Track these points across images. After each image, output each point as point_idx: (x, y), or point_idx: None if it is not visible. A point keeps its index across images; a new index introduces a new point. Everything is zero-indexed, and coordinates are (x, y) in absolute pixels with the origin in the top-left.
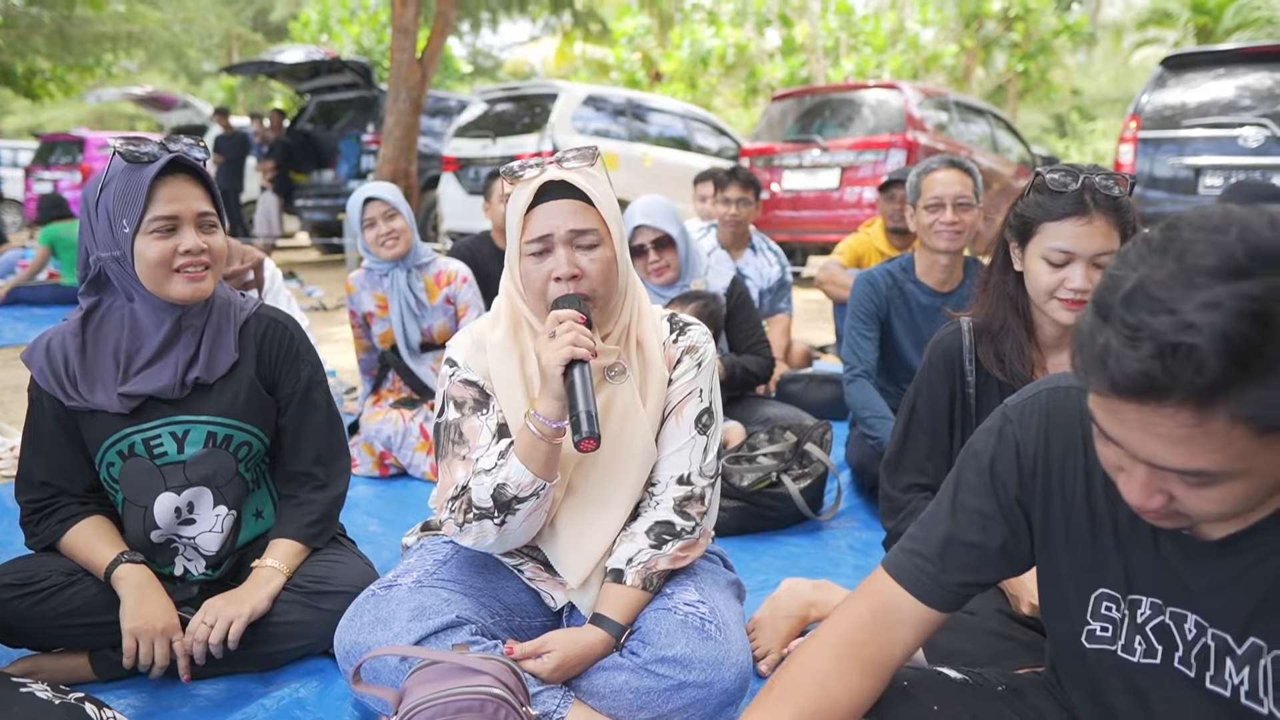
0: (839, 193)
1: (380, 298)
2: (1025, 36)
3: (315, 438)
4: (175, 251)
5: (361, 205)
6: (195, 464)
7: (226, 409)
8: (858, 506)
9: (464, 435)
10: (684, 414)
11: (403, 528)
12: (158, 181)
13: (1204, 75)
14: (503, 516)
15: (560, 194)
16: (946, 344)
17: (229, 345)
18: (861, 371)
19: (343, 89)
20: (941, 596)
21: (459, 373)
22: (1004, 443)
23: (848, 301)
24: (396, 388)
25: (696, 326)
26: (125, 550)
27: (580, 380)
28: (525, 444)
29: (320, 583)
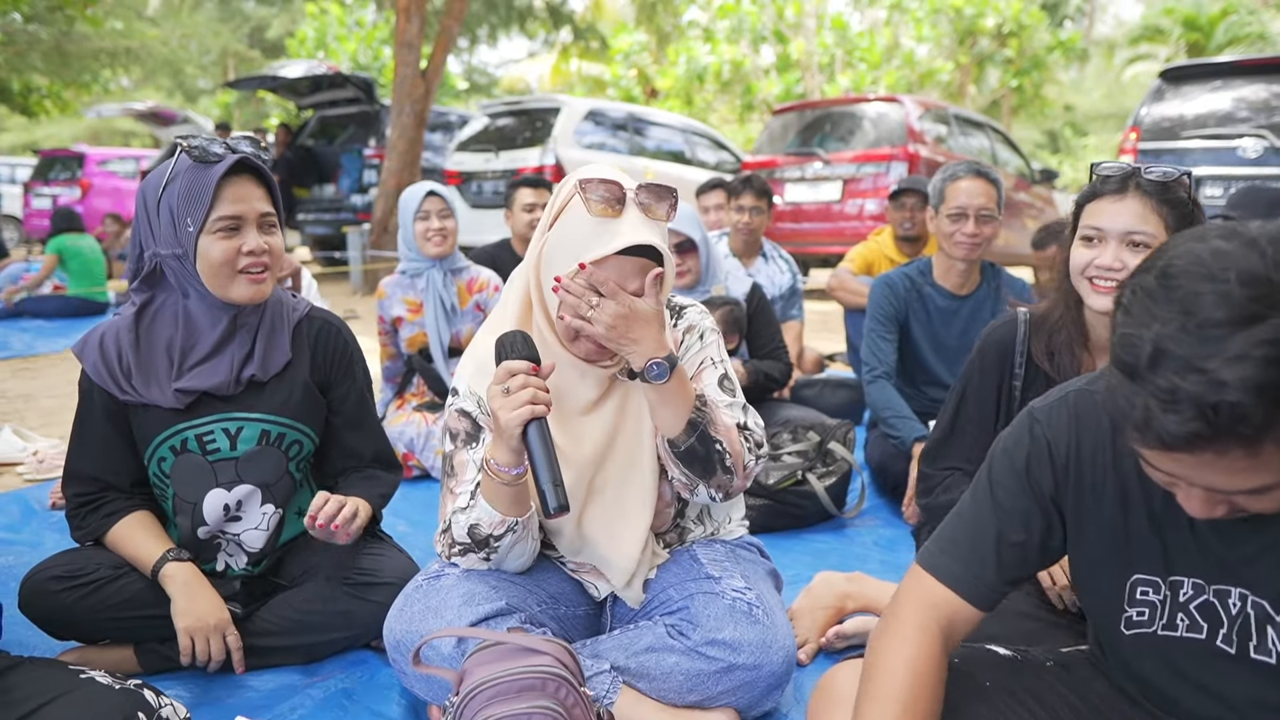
0: (841, 205)
1: (411, 302)
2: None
3: (375, 439)
4: (239, 251)
5: (422, 197)
6: (247, 461)
7: (281, 407)
8: (879, 505)
9: (454, 469)
10: (704, 383)
11: (430, 528)
12: (223, 181)
13: (1202, 87)
14: (484, 552)
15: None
16: (999, 335)
17: (283, 344)
18: (882, 372)
19: (344, 103)
20: (991, 598)
21: (457, 402)
22: (1036, 443)
23: (867, 304)
24: (420, 392)
25: (692, 308)
26: (171, 548)
27: (540, 441)
28: (489, 488)
29: (367, 574)
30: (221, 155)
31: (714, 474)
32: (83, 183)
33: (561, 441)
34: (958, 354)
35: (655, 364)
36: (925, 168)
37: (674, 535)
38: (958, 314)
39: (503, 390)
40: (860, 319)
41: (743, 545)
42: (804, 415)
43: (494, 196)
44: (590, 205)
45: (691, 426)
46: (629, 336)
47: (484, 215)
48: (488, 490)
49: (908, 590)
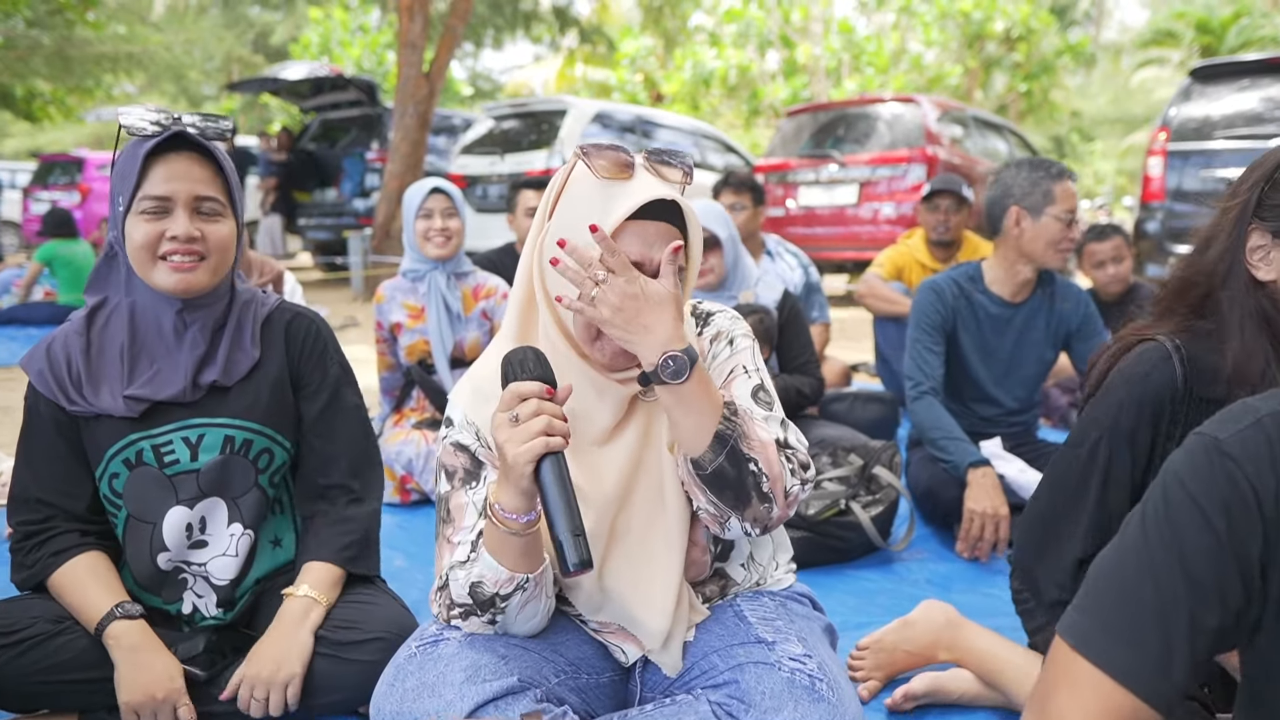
0: (857, 209)
1: (411, 306)
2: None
3: (349, 442)
4: (162, 236)
5: (425, 194)
6: (210, 472)
7: (246, 410)
8: (927, 535)
9: (451, 513)
10: (735, 394)
11: (429, 561)
12: (155, 158)
13: (1232, 86)
14: (489, 614)
15: (663, 213)
16: (1155, 382)
17: (249, 345)
18: (929, 388)
19: (346, 106)
20: (1175, 703)
21: (451, 434)
22: (1236, 487)
23: (910, 312)
24: (420, 406)
25: (721, 313)
26: (122, 601)
27: (556, 481)
28: (494, 538)
29: (349, 628)
30: (155, 129)
31: (748, 502)
32: (82, 187)
33: (578, 477)
34: (1009, 367)
35: (671, 358)
36: (944, 170)
37: (715, 587)
38: (1010, 323)
39: (511, 419)
40: (891, 327)
41: (793, 597)
42: (841, 435)
43: (499, 201)
44: (596, 168)
45: (719, 441)
46: (639, 322)
47: (489, 220)
48: (492, 541)
49: (1065, 685)
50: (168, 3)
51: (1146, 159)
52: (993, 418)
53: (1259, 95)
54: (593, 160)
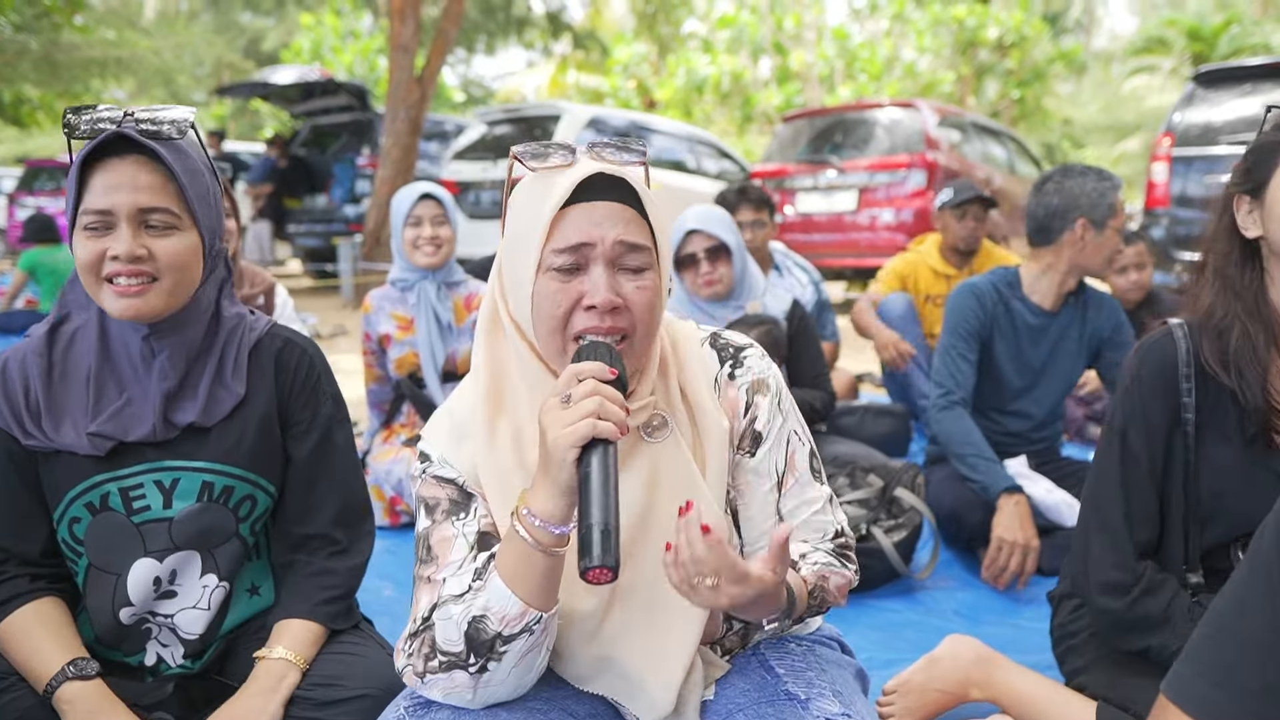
0: (856, 215)
1: (401, 317)
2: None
3: (337, 490)
4: (104, 255)
5: (414, 200)
6: (184, 523)
7: (228, 453)
8: (950, 560)
9: (432, 550)
10: (798, 467)
11: None
12: (97, 164)
13: (1236, 91)
14: (481, 662)
15: (606, 192)
16: (1156, 356)
17: (231, 380)
18: (960, 398)
19: (337, 111)
20: None
21: (432, 468)
22: None
23: (946, 314)
24: (410, 422)
25: (751, 350)
26: (76, 659)
27: (600, 471)
28: (513, 556)
29: (329, 685)
30: (97, 131)
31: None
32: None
33: None
34: (1040, 378)
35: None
36: (944, 176)
37: (735, 637)
38: (1046, 332)
39: (562, 400)
40: None
41: (820, 640)
42: (857, 453)
43: (492, 207)
44: (530, 163)
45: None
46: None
47: (483, 226)
48: (510, 561)
49: None
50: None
51: (1150, 164)
52: (1020, 432)
53: (1263, 100)
54: (526, 159)
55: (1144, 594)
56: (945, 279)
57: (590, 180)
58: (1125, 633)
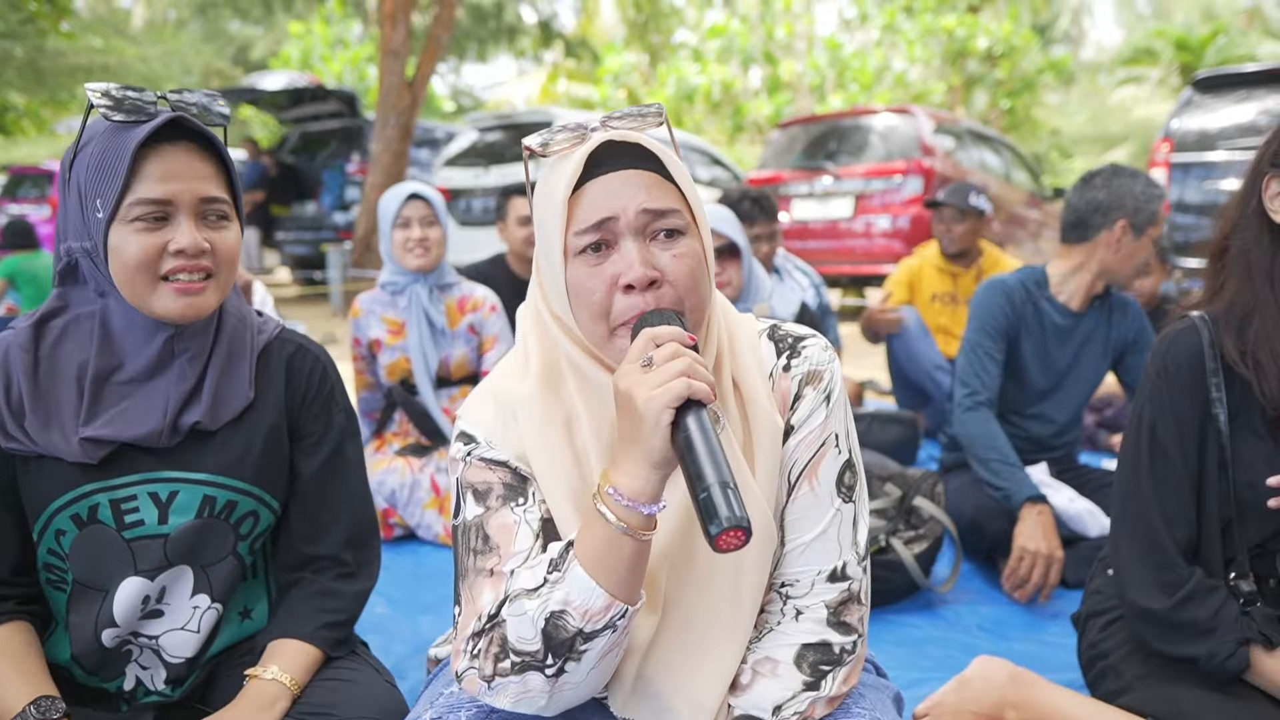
0: (852, 222)
1: (392, 322)
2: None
3: (348, 508)
4: (164, 250)
5: (402, 201)
6: (181, 540)
7: (233, 465)
8: (970, 572)
9: (490, 539)
10: (820, 476)
11: (416, 608)
12: (148, 150)
13: (1233, 97)
14: (559, 663)
15: (622, 161)
16: (1182, 346)
17: (243, 380)
18: (986, 399)
19: (326, 118)
20: None
21: (479, 450)
22: None
23: (973, 311)
24: (403, 431)
25: (813, 341)
26: (41, 697)
27: (701, 431)
28: (597, 542)
29: (322, 714)
30: (145, 112)
31: None
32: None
33: None
34: (1064, 381)
35: None
36: (940, 182)
37: None
38: (1072, 334)
39: (643, 363)
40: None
41: None
42: (870, 461)
43: (484, 214)
44: (539, 150)
45: None
46: None
47: (475, 233)
48: (594, 548)
49: None
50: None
51: (1149, 170)
52: (1040, 437)
53: (1260, 106)
54: (536, 147)
55: (1189, 598)
56: (951, 276)
57: (605, 153)
58: (1168, 637)
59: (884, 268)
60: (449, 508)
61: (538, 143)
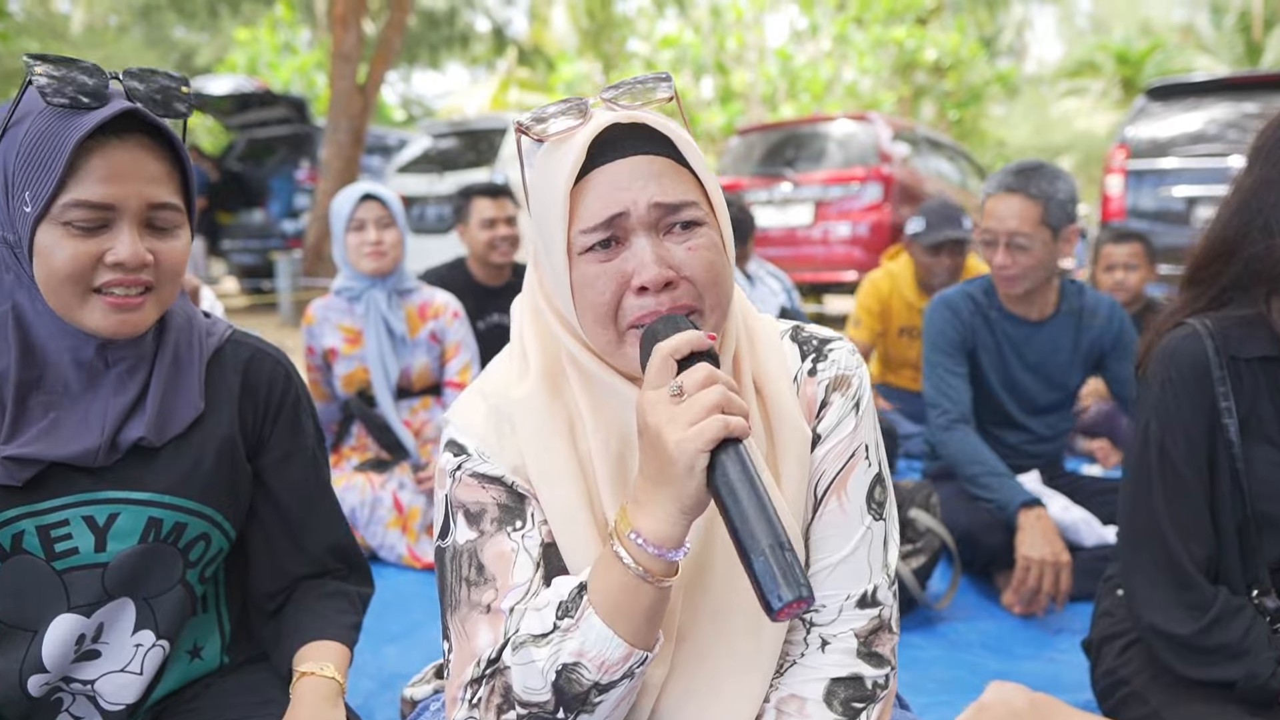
0: (811, 229)
1: (349, 330)
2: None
3: (331, 521)
4: (99, 260)
5: (355, 202)
6: (121, 569)
7: (182, 482)
8: (966, 587)
9: (485, 569)
10: (850, 490)
11: (381, 638)
12: (92, 143)
13: (1188, 105)
14: (572, 716)
15: (628, 145)
16: (1188, 353)
17: (192, 390)
18: (959, 416)
19: (274, 124)
20: None
21: (470, 464)
22: None
23: (924, 332)
24: (361, 445)
25: (839, 343)
26: None
27: (744, 477)
28: (614, 588)
29: None
30: (96, 98)
31: None
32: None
33: None
34: (1031, 391)
35: None
36: (899, 190)
37: None
38: (1031, 343)
39: (672, 392)
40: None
41: None
42: None
43: (437, 222)
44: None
45: None
46: None
47: (428, 241)
48: (612, 595)
49: None
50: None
51: (1105, 177)
52: (1017, 445)
53: (1215, 114)
54: (533, 130)
55: (1217, 620)
56: (920, 312)
57: (610, 136)
58: (1197, 662)
59: (844, 275)
60: (413, 527)
61: (531, 122)
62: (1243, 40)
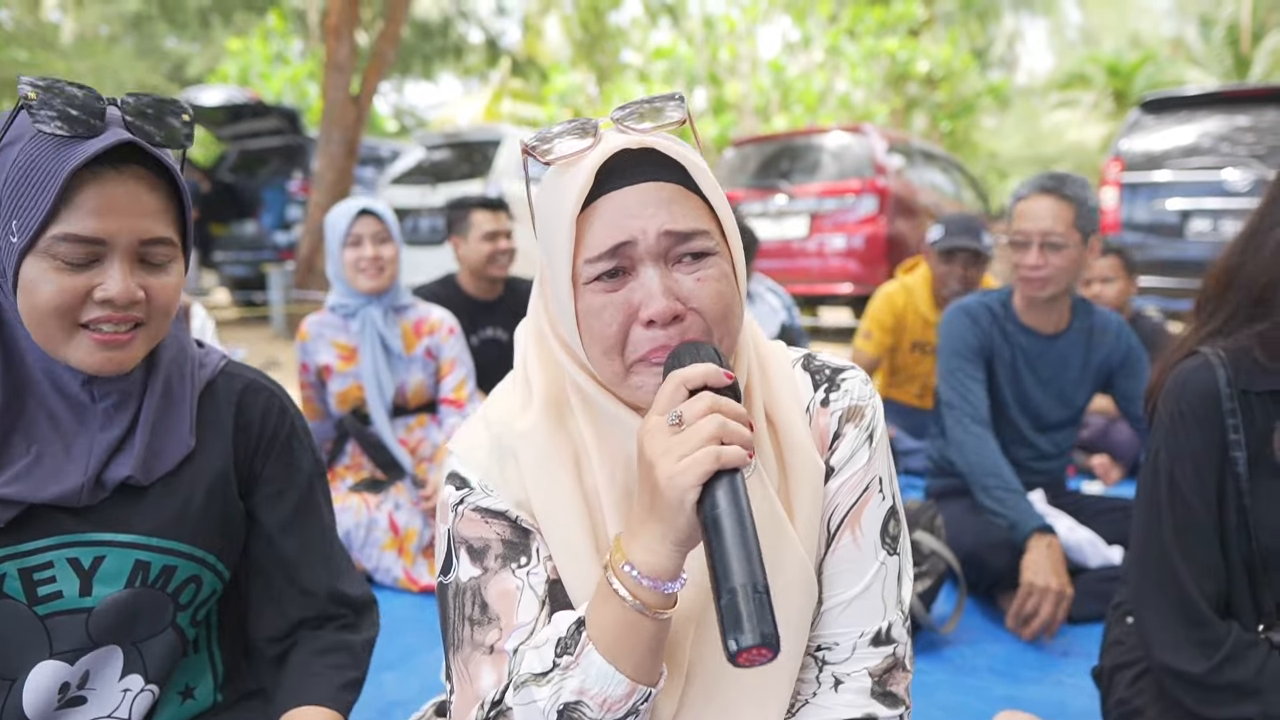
0: (806, 241)
1: (343, 347)
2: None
3: (330, 555)
4: (87, 296)
5: (352, 218)
6: (108, 614)
7: (171, 524)
8: (970, 609)
9: (489, 608)
10: (864, 524)
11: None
12: (85, 173)
13: (1182, 119)
14: None
15: (638, 171)
16: (1199, 384)
17: (182, 425)
18: (978, 418)
19: (267, 135)
20: None
21: (473, 497)
22: None
23: (941, 337)
24: (355, 465)
25: (853, 373)
26: None
27: (733, 512)
28: (613, 623)
29: None
30: (89, 125)
31: None
32: None
33: None
34: (1042, 407)
35: None
36: (895, 202)
37: None
38: (1044, 357)
39: (671, 420)
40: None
41: None
42: None
43: (431, 234)
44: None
45: None
46: None
47: (421, 254)
48: (610, 630)
49: None
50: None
51: (1100, 190)
52: (1023, 461)
53: (1208, 127)
54: (538, 151)
55: (1229, 659)
56: (934, 328)
57: (619, 161)
58: (1210, 701)
59: (839, 287)
60: (409, 549)
61: (537, 142)
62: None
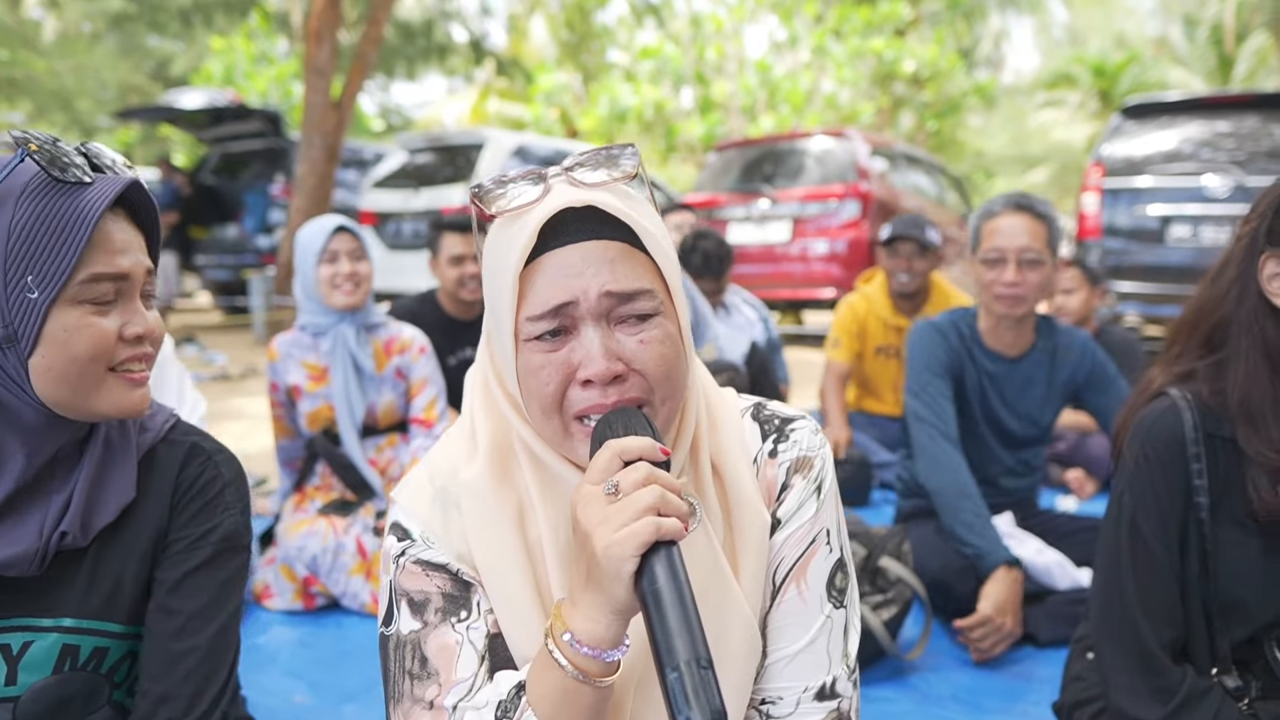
0: (789, 246)
1: (312, 367)
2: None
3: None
4: (118, 337)
5: (329, 235)
6: (35, 701)
7: (104, 604)
8: (936, 634)
9: (429, 663)
10: (809, 577)
11: (340, 695)
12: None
13: (1163, 124)
14: None
15: (584, 228)
16: (1165, 430)
17: (123, 479)
18: (947, 433)
19: (249, 138)
20: None
21: (414, 550)
22: None
23: (910, 353)
24: (325, 485)
25: (802, 423)
26: None
27: (672, 585)
28: (553, 691)
29: None
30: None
31: None
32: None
33: None
34: (1009, 426)
35: None
36: (878, 206)
37: None
38: (1008, 380)
39: (607, 490)
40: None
41: None
42: None
43: (414, 238)
44: (489, 206)
45: None
46: None
47: (404, 258)
48: (550, 700)
49: None
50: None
51: (1081, 195)
52: (993, 479)
53: (1190, 132)
54: (484, 202)
55: (1184, 705)
56: (896, 330)
57: (567, 217)
58: None
59: (821, 291)
60: (376, 573)
61: (487, 193)
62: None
